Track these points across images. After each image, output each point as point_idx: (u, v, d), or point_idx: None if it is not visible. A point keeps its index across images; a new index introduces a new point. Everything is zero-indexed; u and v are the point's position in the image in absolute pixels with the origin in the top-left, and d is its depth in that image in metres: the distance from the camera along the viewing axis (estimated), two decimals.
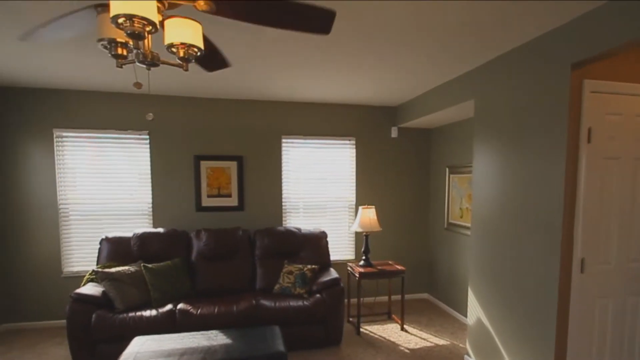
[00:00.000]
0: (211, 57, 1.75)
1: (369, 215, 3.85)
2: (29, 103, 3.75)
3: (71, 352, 2.97)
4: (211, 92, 3.94)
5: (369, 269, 3.76)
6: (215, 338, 2.72)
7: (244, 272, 3.74)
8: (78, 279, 3.91)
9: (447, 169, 4.37)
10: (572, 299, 2.27)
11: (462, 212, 4.07)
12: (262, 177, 4.33)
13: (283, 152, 4.38)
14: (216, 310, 3.17)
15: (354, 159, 4.56)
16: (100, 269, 3.24)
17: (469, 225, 3.89)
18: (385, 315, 4.24)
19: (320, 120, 4.44)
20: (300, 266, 3.65)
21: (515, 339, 2.61)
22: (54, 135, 3.81)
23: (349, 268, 3.99)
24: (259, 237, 3.90)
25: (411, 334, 3.75)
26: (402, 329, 3.85)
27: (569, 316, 2.28)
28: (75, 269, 3.95)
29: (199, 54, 1.43)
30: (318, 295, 3.41)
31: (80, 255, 3.96)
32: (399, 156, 4.70)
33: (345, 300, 4.41)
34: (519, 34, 2.33)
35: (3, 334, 3.75)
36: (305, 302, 3.33)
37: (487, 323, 2.92)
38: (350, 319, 4.07)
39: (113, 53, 1.34)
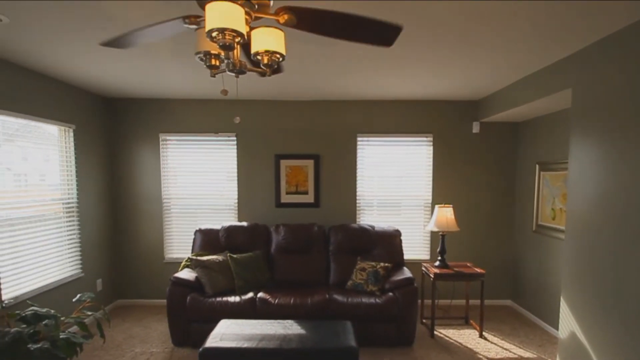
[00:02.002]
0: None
1: (445, 214, 3.71)
2: (141, 111, 4.37)
3: (170, 328, 3.38)
4: (291, 95, 4.15)
5: (444, 270, 3.62)
6: (290, 327, 2.86)
7: (319, 267, 3.88)
8: (176, 264, 4.45)
9: (537, 166, 3.99)
10: None
11: (555, 213, 3.68)
12: (337, 174, 4.43)
13: (358, 150, 4.43)
14: (292, 301, 3.34)
15: (431, 156, 4.42)
16: (194, 257, 3.63)
17: (562, 227, 3.51)
18: (462, 320, 4.04)
19: (396, 117, 4.39)
20: (373, 263, 3.67)
21: (616, 359, 2.31)
22: (160, 139, 4.39)
23: (423, 268, 3.88)
24: (333, 233, 4.00)
25: (491, 343, 3.52)
26: (481, 336, 3.64)
27: None
28: (174, 256, 4.51)
29: (280, 59, 1.55)
30: (391, 293, 3.39)
31: (179, 243, 4.51)
32: (481, 152, 4.43)
33: (419, 301, 4.30)
34: (634, 7, 2.01)
35: (118, 308, 4.44)
36: (377, 300, 3.34)
37: (583, 338, 2.62)
38: (424, 321, 3.96)
39: (208, 64, 1.53)
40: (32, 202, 3.27)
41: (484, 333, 3.72)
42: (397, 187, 4.46)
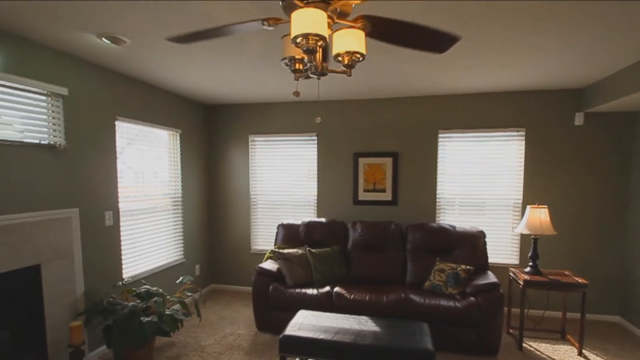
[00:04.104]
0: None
1: (539, 216, 3.38)
2: (233, 115, 4.83)
3: (254, 313, 3.67)
4: (370, 93, 4.18)
5: (536, 277, 3.31)
6: (365, 324, 2.87)
7: (395, 265, 3.85)
8: (261, 255, 4.81)
9: None
10: None
11: None
12: (416, 172, 4.34)
13: (439, 147, 4.27)
14: (367, 297, 3.36)
15: (523, 152, 4.06)
16: (276, 250, 3.88)
17: None
18: (557, 333, 3.64)
19: (482, 111, 4.13)
20: (454, 265, 3.52)
21: None
22: (249, 140, 4.80)
23: (511, 274, 3.60)
24: (411, 231, 3.93)
25: None
26: (580, 354, 3.24)
27: None
28: (259, 247, 4.88)
29: (361, 59, 1.60)
30: (472, 298, 3.22)
31: (263, 236, 4.86)
32: (585, 147, 3.92)
33: (505, 309, 4.00)
34: None
35: (212, 291, 4.95)
36: (457, 304, 3.20)
37: None
38: (511, 331, 3.66)
39: (292, 69, 1.65)
40: (147, 196, 3.84)
41: (583, 351, 3.31)
42: (482, 186, 4.19)
